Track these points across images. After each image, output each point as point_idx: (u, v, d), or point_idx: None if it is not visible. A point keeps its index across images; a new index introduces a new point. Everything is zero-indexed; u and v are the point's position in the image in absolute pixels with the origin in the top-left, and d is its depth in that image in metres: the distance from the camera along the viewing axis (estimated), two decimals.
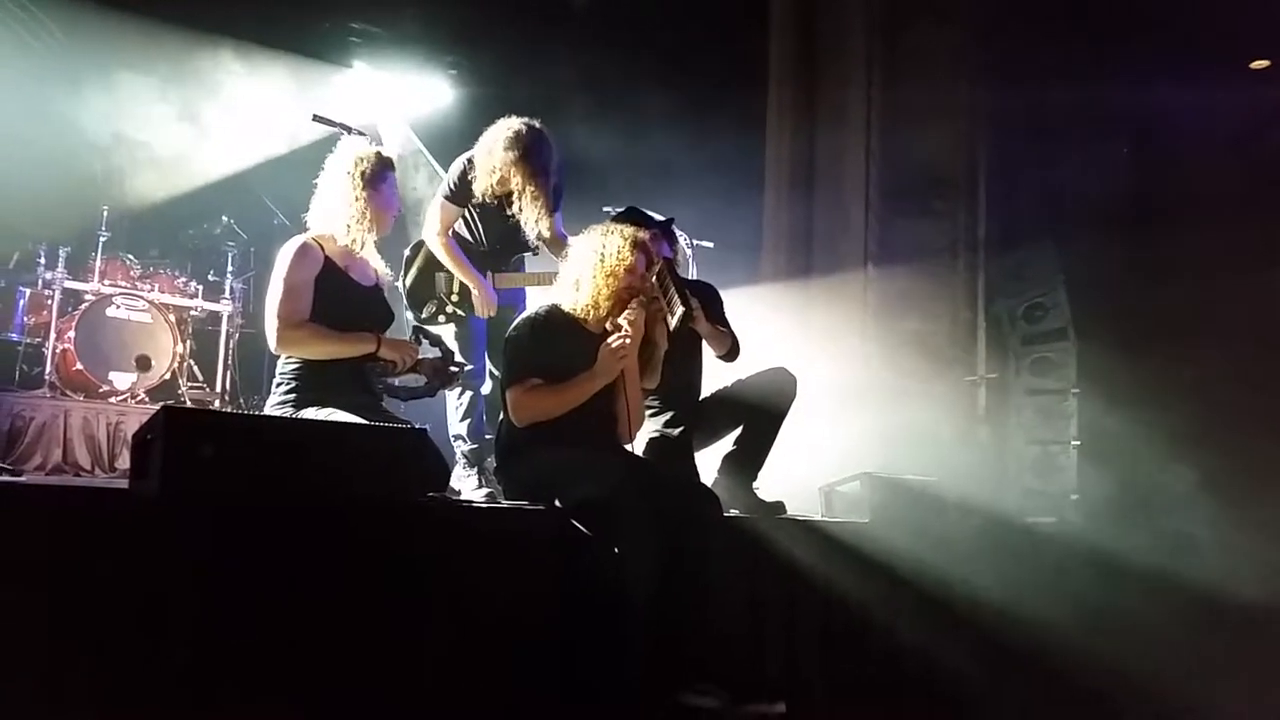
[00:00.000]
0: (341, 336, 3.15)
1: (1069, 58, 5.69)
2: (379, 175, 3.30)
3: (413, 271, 4.14)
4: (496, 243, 4.13)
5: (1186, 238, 5.25)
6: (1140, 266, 5.43)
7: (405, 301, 4.12)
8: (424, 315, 4.06)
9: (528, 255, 4.27)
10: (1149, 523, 4.82)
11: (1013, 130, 5.81)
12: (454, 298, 4.07)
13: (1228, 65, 5.54)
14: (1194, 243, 5.21)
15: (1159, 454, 4.97)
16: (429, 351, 3.43)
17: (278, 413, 3.11)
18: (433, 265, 4.09)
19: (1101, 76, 5.59)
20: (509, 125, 3.85)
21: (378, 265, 3.44)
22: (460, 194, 3.97)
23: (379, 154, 3.35)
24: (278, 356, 3.21)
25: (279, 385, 3.18)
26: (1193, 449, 4.97)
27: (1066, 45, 5.72)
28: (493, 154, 3.84)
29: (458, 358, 3.49)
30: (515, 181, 3.83)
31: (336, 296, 3.20)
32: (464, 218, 4.11)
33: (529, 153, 3.80)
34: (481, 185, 3.89)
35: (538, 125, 3.89)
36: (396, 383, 3.32)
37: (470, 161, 3.95)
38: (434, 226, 4.01)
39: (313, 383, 3.13)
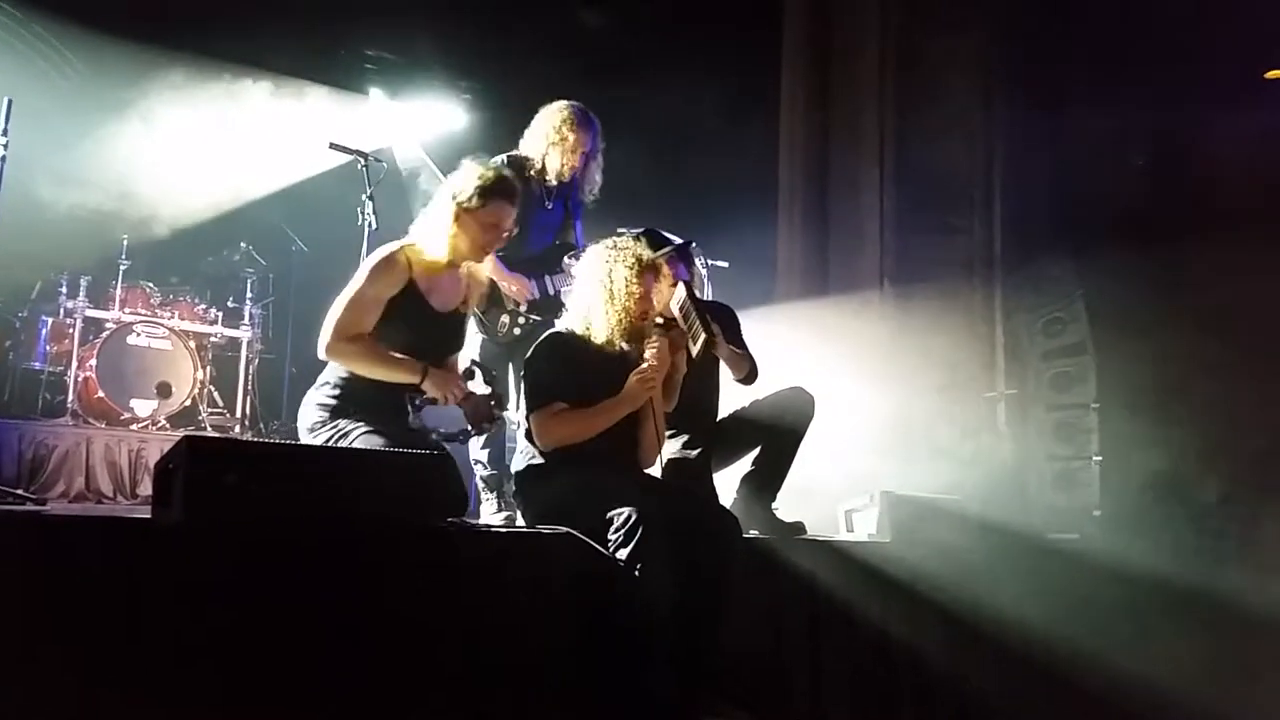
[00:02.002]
0: (390, 360, 3.05)
1: (1084, 71, 5.67)
2: (474, 205, 3.14)
3: None
4: (548, 248, 4.10)
5: (1205, 249, 5.21)
6: (1159, 279, 5.39)
7: (476, 319, 3.97)
8: (499, 329, 3.96)
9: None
10: (1173, 538, 4.77)
11: (1028, 144, 5.79)
12: (523, 307, 3.99)
13: (1245, 74, 5.51)
14: (1213, 254, 5.17)
15: (1182, 468, 4.92)
16: (478, 388, 3.28)
17: (314, 413, 3.06)
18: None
19: (1117, 88, 5.57)
20: (561, 105, 3.95)
21: (474, 289, 3.35)
22: None
23: (481, 187, 3.16)
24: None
25: (324, 384, 3.11)
26: (1216, 462, 4.92)
27: (1081, 58, 5.71)
28: (561, 131, 3.93)
29: (505, 409, 3.37)
30: (580, 148, 3.92)
31: (406, 321, 3.10)
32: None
33: (588, 121, 3.97)
34: (555, 164, 3.94)
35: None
36: (430, 423, 3.18)
37: (514, 157, 3.95)
38: None
39: (356, 397, 3.06)
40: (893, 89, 5.88)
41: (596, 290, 3.17)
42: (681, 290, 3.40)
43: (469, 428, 3.23)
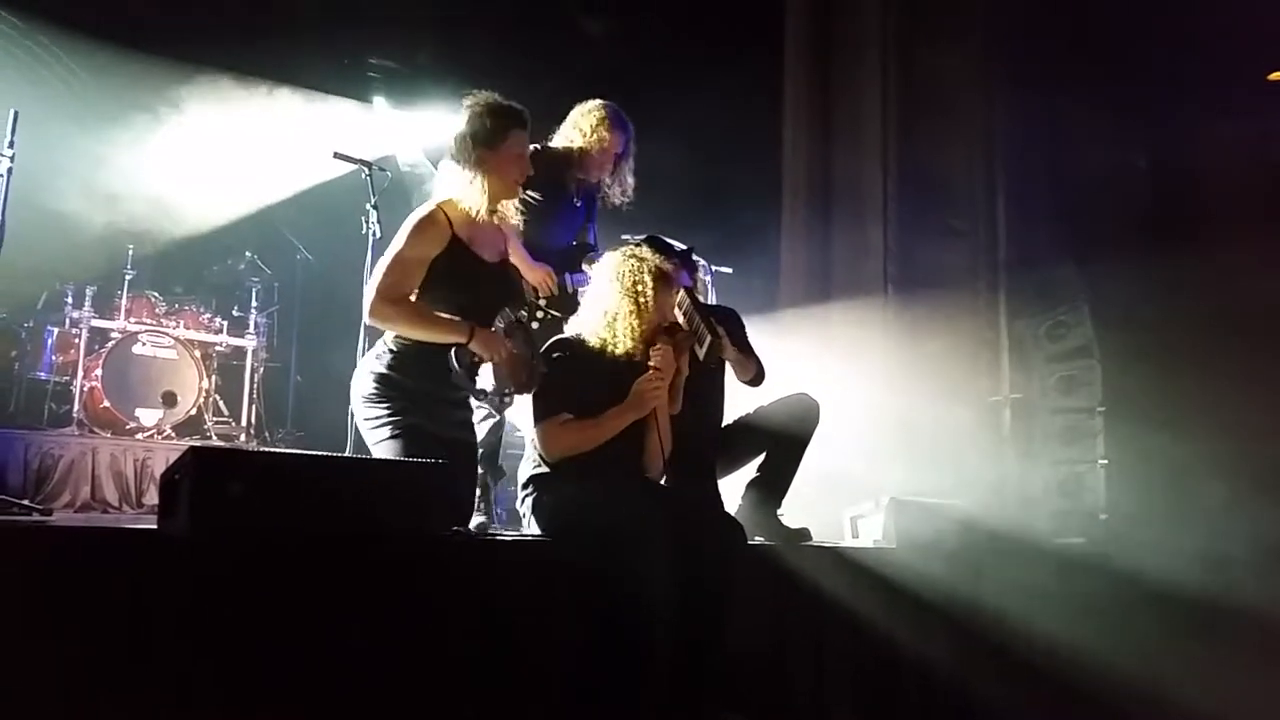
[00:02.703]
0: (435, 321, 3.00)
1: (1086, 73, 5.67)
2: (498, 140, 3.12)
3: None
4: (570, 244, 4.08)
5: (1209, 251, 5.20)
6: (1164, 281, 5.38)
7: None
8: (520, 318, 3.85)
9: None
10: (1180, 541, 4.75)
11: (1030, 148, 5.79)
12: (542, 301, 3.93)
13: (1247, 77, 5.51)
14: (1216, 256, 5.16)
15: (1188, 471, 4.91)
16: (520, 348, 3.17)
17: (368, 383, 3.03)
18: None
19: (1119, 91, 5.57)
20: (597, 104, 3.97)
21: (509, 235, 3.33)
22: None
23: (498, 115, 3.15)
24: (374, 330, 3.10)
25: (379, 353, 3.07)
26: (1222, 464, 4.90)
27: (1082, 61, 5.71)
28: (598, 130, 3.93)
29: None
30: (614, 148, 3.91)
31: (461, 277, 3.06)
32: (535, 221, 3.87)
33: (623, 122, 3.97)
34: (587, 162, 3.92)
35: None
36: (479, 385, 3.09)
37: (542, 147, 3.90)
38: None
39: (409, 366, 3.02)
40: (894, 94, 5.89)
41: (619, 298, 3.17)
42: (684, 296, 3.41)
43: (510, 389, 3.11)
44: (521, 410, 3.42)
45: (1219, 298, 5.14)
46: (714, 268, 5.23)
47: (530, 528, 3.25)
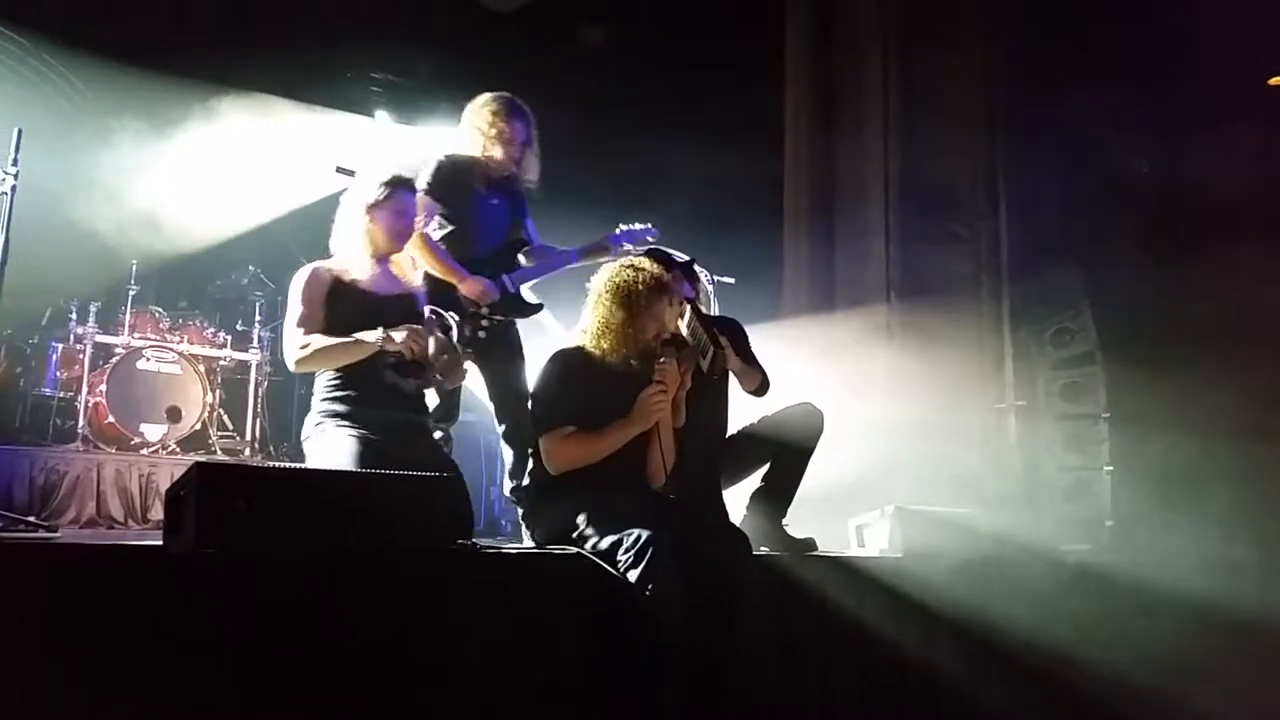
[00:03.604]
0: (344, 341, 3.19)
1: (1087, 78, 5.67)
2: (381, 199, 3.38)
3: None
4: (501, 244, 3.99)
5: (1212, 255, 5.20)
6: (1168, 286, 5.37)
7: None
8: (464, 335, 3.81)
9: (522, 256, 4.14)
10: (1186, 547, 4.74)
11: (1032, 154, 5.79)
12: (485, 310, 3.88)
13: (1249, 81, 5.50)
14: (1222, 260, 5.15)
15: (1194, 476, 4.89)
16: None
17: (311, 422, 3.24)
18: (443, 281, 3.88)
19: (1121, 96, 5.57)
20: (487, 98, 3.89)
21: (411, 278, 3.51)
22: (437, 186, 3.87)
23: (383, 181, 3.42)
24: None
25: (316, 396, 3.29)
26: (1229, 469, 4.89)
27: (1084, 66, 5.71)
28: (494, 123, 3.84)
29: (454, 334, 3.43)
30: (515, 138, 3.82)
31: (348, 307, 3.27)
32: (458, 230, 3.95)
33: (518, 109, 3.87)
34: (491, 157, 3.83)
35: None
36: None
37: (451, 156, 3.91)
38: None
39: (346, 396, 3.22)
40: (896, 101, 5.89)
41: (615, 309, 3.17)
42: (687, 308, 3.42)
43: (438, 375, 3.29)
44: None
45: (1223, 302, 5.13)
46: (716, 277, 5.24)
47: (536, 540, 3.25)
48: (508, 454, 3.99)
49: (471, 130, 3.83)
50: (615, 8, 6.92)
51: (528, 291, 4.03)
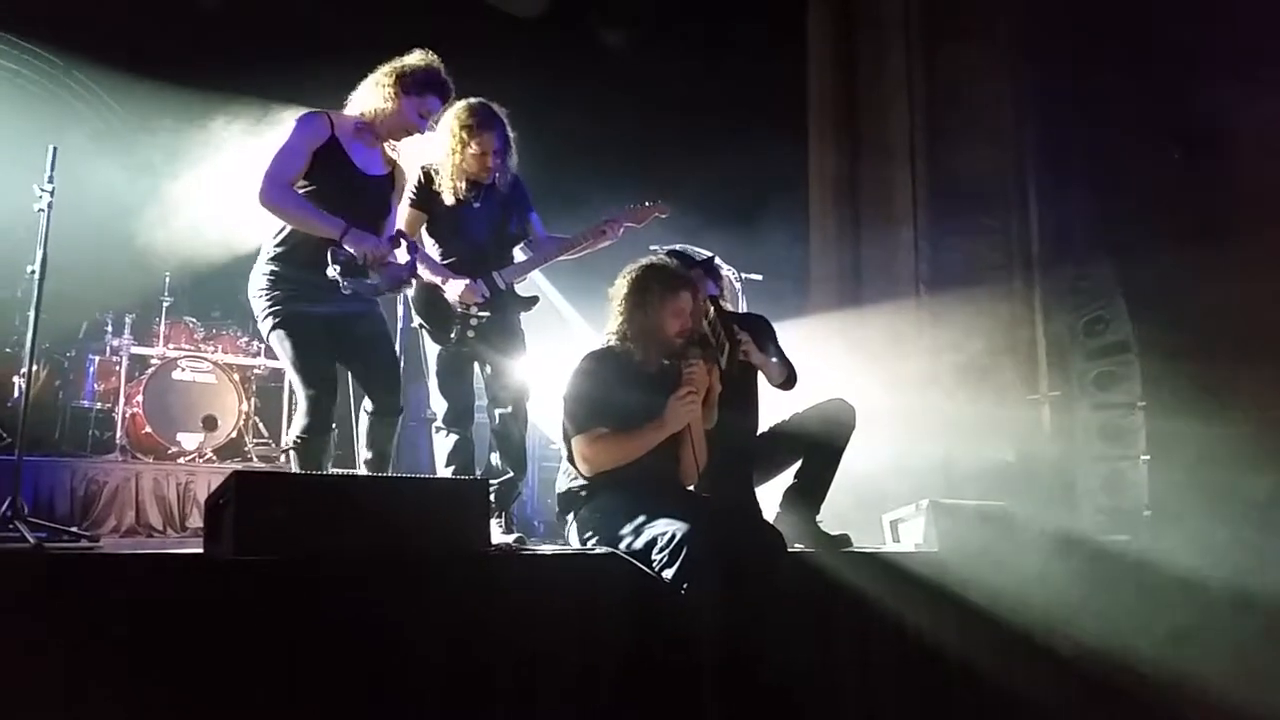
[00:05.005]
0: (314, 214, 3.31)
1: (1116, 62, 5.61)
2: (414, 85, 3.48)
3: (412, 291, 3.86)
4: (487, 242, 3.94)
5: (1245, 242, 5.13)
6: (1201, 272, 5.30)
7: (424, 325, 3.88)
8: (453, 338, 3.81)
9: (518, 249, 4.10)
10: (1225, 535, 4.67)
11: (1061, 141, 5.73)
12: (473, 309, 3.81)
13: None
14: (1256, 247, 5.08)
15: (1232, 464, 4.83)
16: (401, 256, 3.50)
17: (258, 279, 3.48)
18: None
19: (1152, 80, 5.50)
20: (459, 108, 3.85)
21: (400, 165, 3.67)
22: (423, 198, 3.86)
23: (429, 67, 3.51)
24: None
25: (264, 255, 3.48)
26: (1267, 456, 4.82)
27: (1113, 49, 5.64)
28: (461, 136, 3.80)
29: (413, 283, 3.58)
30: (488, 148, 3.79)
31: (331, 172, 3.38)
32: (446, 230, 3.92)
33: (491, 117, 3.86)
34: (466, 169, 3.81)
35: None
36: (346, 282, 3.36)
37: (426, 167, 3.90)
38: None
39: (291, 266, 3.40)
40: (921, 93, 5.86)
41: (633, 308, 3.19)
42: (709, 305, 3.42)
43: (379, 284, 3.41)
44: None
45: (1258, 288, 5.05)
46: (744, 275, 5.23)
47: (570, 541, 3.26)
48: (504, 445, 3.91)
49: (452, 139, 3.83)
50: (635, 7, 6.92)
51: (523, 287, 4.03)
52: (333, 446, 3.54)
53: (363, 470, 3.51)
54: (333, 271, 3.31)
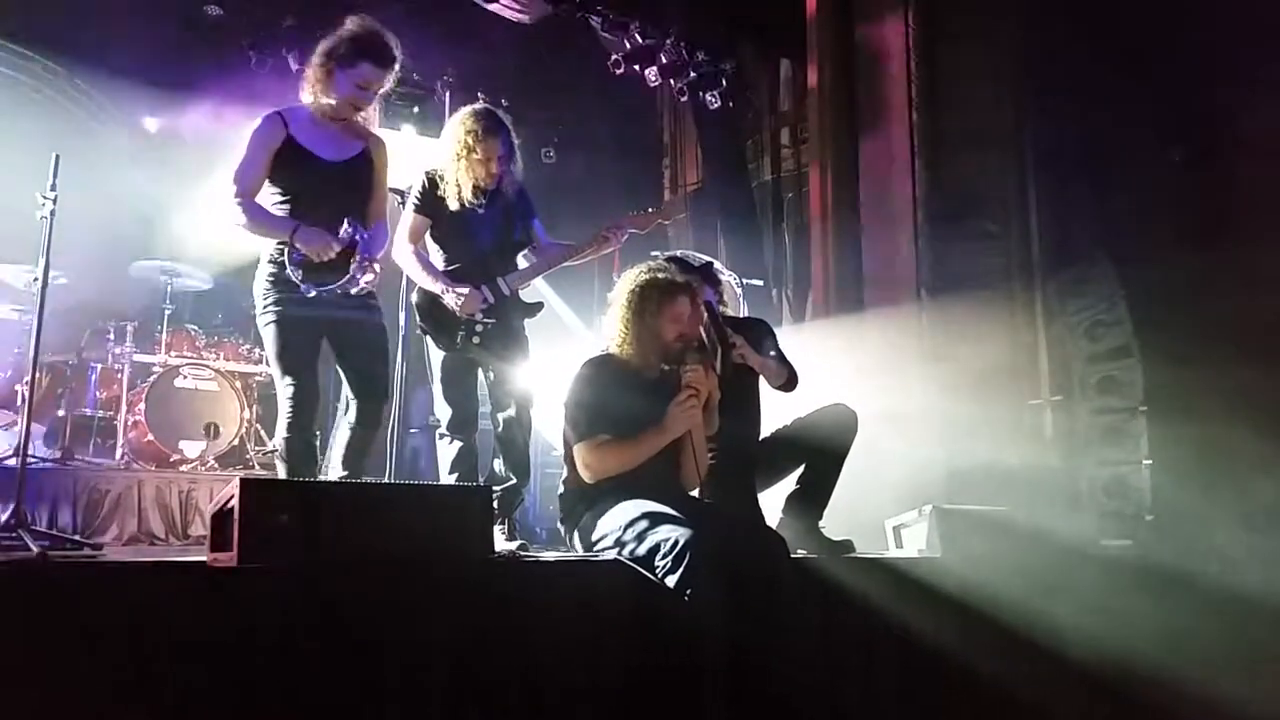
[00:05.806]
0: (263, 218, 3.44)
1: (1117, 66, 5.61)
2: (344, 58, 3.48)
3: (415, 296, 3.88)
4: (491, 248, 3.94)
5: (1246, 246, 5.13)
6: (1203, 276, 5.30)
7: (427, 331, 3.86)
8: (458, 344, 3.80)
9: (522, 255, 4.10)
10: (1228, 540, 4.67)
11: (1062, 146, 5.73)
12: (478, 316, 3.81)
13: None
14: (1257, 250, 5.08)
15: (1234, 468, 4.82)
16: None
17: (260, 283, 3.57)
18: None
19: (1153, 84, 5.50)
20: (465, 114, 3.90)
21: (376, 136, 3.76)
22: (426, 203, 3.87)
23: (356, 35, 3.50)
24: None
25: (266, 257, 3.54)
26: (1270, 461, 4.82)
27: (1115, 54, 5.65)
28: (466, 142, 3.80)
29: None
30: (492, 155, 3.80)
31: (293, 169, 3.46)
32: (450, 235, 3.93)
33: (496, 124, 3.88)
34: (471, 176, 3.81)
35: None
36: (305, 285, 3.42)
37: (431, 173, 3.91)
38: (403, 236, 3.87)
39: (289, 279, 3.43)
40: (921, 97, 5.86)
41: (633, 315, 3.21)
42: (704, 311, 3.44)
43: (336, 286, 3.45)
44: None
45: (1260, 292, 5.05)
46: (745, 280, 5.24)
47: (573, 547, 3.26)
48: (507, 451, 3.92)
49: (457, 146, 3.83)
50: (635, 10, 6.94)
51: (528, 293, 4.02)
52: (318, 450, 3.56)
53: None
54: (293, 274, 3.37)
